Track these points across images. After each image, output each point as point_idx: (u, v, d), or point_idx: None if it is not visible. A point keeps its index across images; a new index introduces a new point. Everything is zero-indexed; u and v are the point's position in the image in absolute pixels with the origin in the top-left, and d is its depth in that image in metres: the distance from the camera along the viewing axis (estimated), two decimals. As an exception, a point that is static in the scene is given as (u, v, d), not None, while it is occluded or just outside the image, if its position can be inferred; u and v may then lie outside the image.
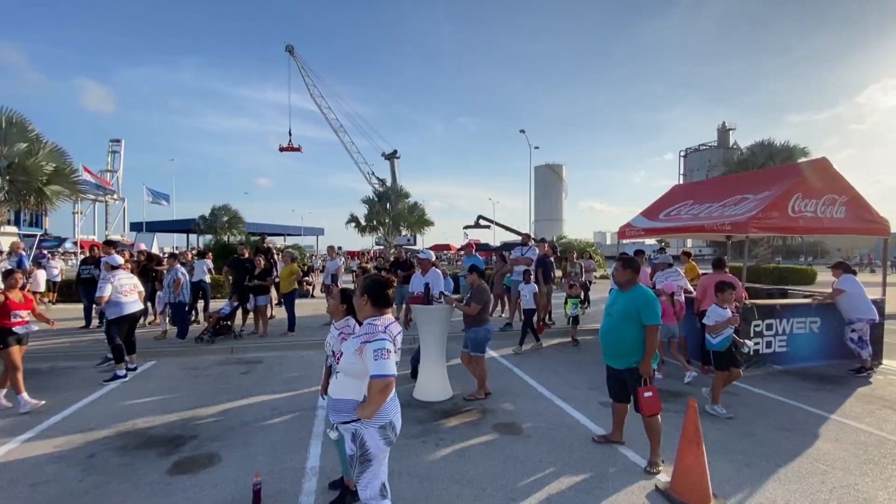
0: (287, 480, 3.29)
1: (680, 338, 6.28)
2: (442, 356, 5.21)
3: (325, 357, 3.23)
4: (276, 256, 10.26)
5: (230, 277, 8.47)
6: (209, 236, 29.71)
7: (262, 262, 8.17)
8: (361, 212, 24.19)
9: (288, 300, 8.15)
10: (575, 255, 12.25)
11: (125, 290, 5.61)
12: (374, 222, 23.83)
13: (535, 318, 7.54)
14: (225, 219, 31.01)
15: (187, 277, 7.74)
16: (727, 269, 6.29)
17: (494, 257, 11.81)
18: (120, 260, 5.87)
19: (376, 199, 24.48)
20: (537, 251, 8.61)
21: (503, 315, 9.85)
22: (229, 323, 7.90)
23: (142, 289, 6.24)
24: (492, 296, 5.38)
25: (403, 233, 31.48)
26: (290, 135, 53.83)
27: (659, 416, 3.41)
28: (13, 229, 33.55)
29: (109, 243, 7.62)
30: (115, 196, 54.98)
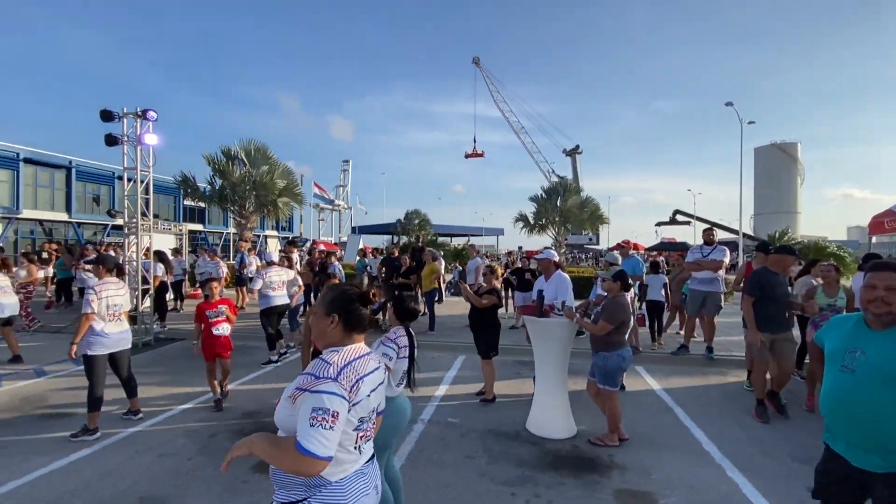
0: None
1: None
2: (560, 382, 4.17)
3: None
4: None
5: (382, 274, 8.94)
6: (404, 237, 33.66)
7: (408, 261, 8.33)
8: (531, 210, 23.44)
9: (428, 299, 8.12)
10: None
11: (274, 285, 6.31)
12: (544, 220, 22.73)
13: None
14: (416, 221, 34.90)
15: (342, 273, 8.44)
16: None
17: (663, 258, 9.52)
18: (275, 258, 6.65)
19: (545, 196, 23.30)
20: (727, 254, 6.47)
21: (680, 333, 7.83)
22: (377, 317, 8.31)
23: (300, 283, 6.97)
24: (631, 313, 4.03)
25: (579, 232, 29.45)
26: (474, 142, 56.94)
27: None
28: (273, 233, 44.34)
29: (291, 243, 8.90)
30: (344, 205, 67.99)
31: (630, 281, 6.60)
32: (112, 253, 8.23)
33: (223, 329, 4.78)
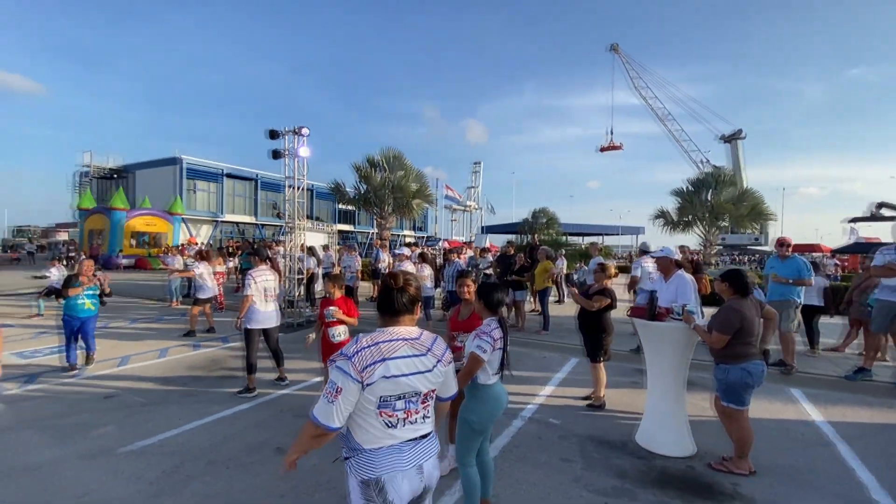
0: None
1: None
2: (676, 393, 3.74)
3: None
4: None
5: (497, 271, 9.05)
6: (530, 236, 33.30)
7: (522, 259, 8.29)
8: (673, 206, 20.82)
9: (541, 297, 7.95)
10: None
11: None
12: (689, 217, 19.95)
13: None
14: (543, 220, 34.18)
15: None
16: None
17: (836, 260, 7.60)
18: (406, 252, 7.27)
19: (691, 189, 20.43)
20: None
21: (862, 354, 6.24)
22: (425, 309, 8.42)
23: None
24: (751, 319, 3.33)
25: (739, 230, 25.26)
26: (610, 134, 53.33)
27: None
28: (410, 233, 47.95)
29: (409, 245, 9.58)
30: (475, 206, 70.23)
31: (791, 282, 5.63)
32: (280, 249, 9.96)
33: (339, 333, 4.39)
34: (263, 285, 4.97)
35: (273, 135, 9.12)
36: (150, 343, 7.31)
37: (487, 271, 9.35)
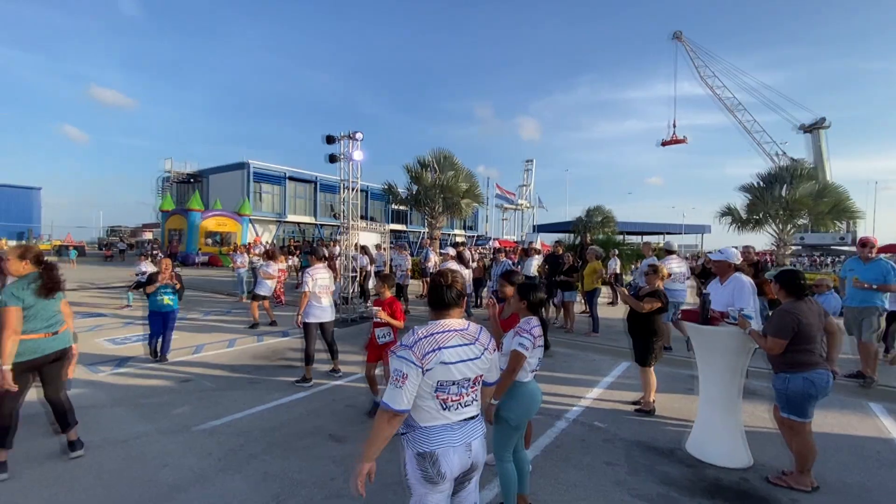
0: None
1: None
2: (730, 402, 3.57)
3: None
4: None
5: (545, 271, 8.94)
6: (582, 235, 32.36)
7: (571, 259, 8.15)
8: (742, 203, 19.23)
9: (589, 299, 7.76)
10: None
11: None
12: (759, 214, 18.33)
13: None
14: (598, 219, 33.06)
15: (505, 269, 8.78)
16: None
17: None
18: (451, 252, 7.41)
19: (762, 183, 18.78)
20: None
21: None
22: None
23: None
24: (812, 324, 3.06)
25: (820, 229, 22.97)
26: (672, 127, 50.52)
27: None
28: (461, 232, 48.20)
29: (457, 244, 9.71)
30: (527, 204, 69.13)
31: (875, 288, 5.10)
32: (336, 248, 10.47)
33: (383, 335, 4.38)
34: (320, 282, 5.30)
35: (329, 140, 9.60)
36: (221, 334, 7.98)
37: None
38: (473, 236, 46.09)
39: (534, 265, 9.49)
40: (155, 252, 25.25)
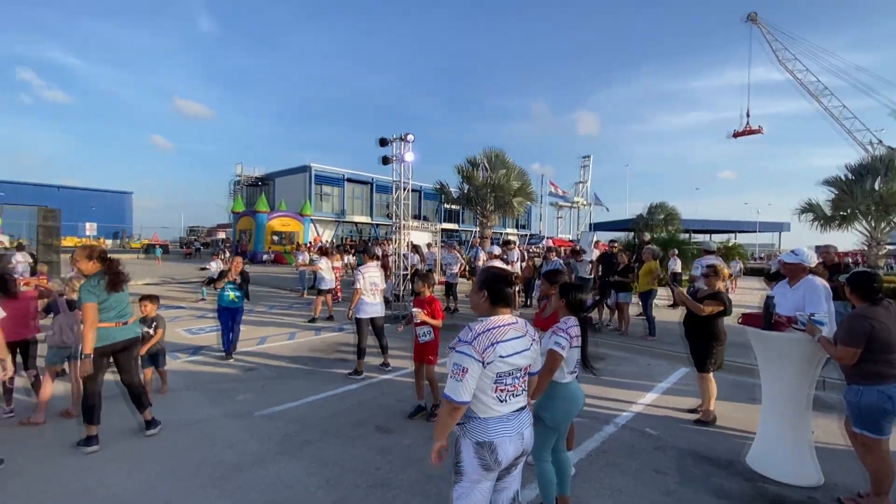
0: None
1: None
2: (797, 414, 3.29)
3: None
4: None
5: (599, 270, 8.67)
6: (647, 233, 30.90)
7: (626, 259, 7.84)
8: (825, 198, 17.29)
9: (644, 300, 7.42)
10: None
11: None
12: (847, 210, 16.36)
13: None
14: (661, 216, 31.36)
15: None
16: None
17: None
18: (496, 251, 7.39)
19: (851, 176, 16.73)
20: None
21: None
22: (589, 315, 8.11)
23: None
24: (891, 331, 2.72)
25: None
26: (746, 116, 46.62)
27: None
28: (513, 231, 47.67)
29: (507, 243, 9.65)
30: (583, 202, 66.73)
31: None
32: (388, 247, 10.81)
33: (423, 333, 4.36)
34: (370, 280, 5.52)
35: (383, 142, 9.91)
36: (283, 327, 8.52)
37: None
38: (526, 235, 45.37)
39: (587, 265, 9.24)
40: (225, 250, 27.31)
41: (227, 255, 15.47)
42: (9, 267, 9.33)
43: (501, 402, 1.91)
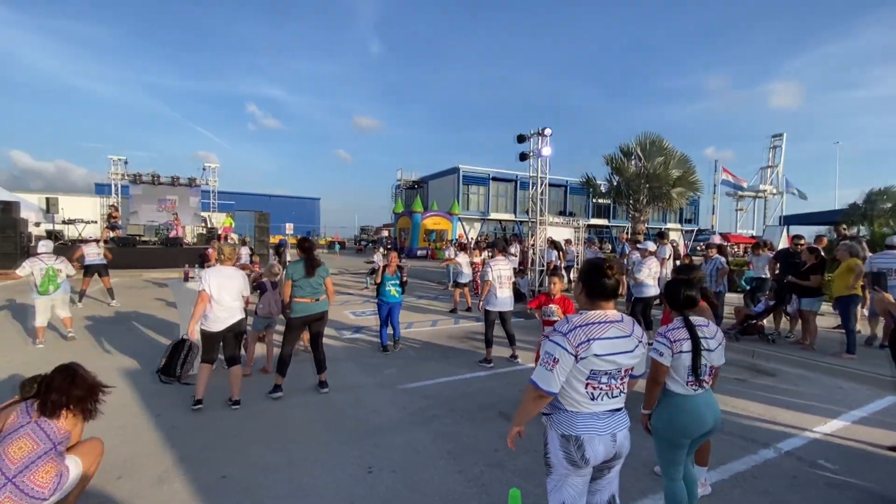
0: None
1: None
2: None
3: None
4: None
5: (775, 272, 7.28)
6: (862, 228, 24.41)
7: (812, 257, 6.43)
8: None
9: (843, 308, 5.92)
10: None
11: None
12: None
13: None
14: (885, 206, 24.38)
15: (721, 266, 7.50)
16: None
17: None
18: (650, 247, 6.89)
19: None
20: None
21: None
22: (759, 323, 6.87)
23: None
24: None
25: None
26: None
27: None
28: (676, 225, 42.44)
29: (661, 235, 8.73)
30: (773, 190, 54.80)
31: None
32: (526, 243, 10.88)
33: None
34: (498, 273, 5.73)
35: (520, 139, 10.03)
36: (428, 314, 9.37)
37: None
38: (693, 230, 39.93)
39: (764, 263, 7.86)
40: (388, 247, 30.79)
41: (384, 251, 17.49)
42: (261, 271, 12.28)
43: (593, 399, 1.84)
